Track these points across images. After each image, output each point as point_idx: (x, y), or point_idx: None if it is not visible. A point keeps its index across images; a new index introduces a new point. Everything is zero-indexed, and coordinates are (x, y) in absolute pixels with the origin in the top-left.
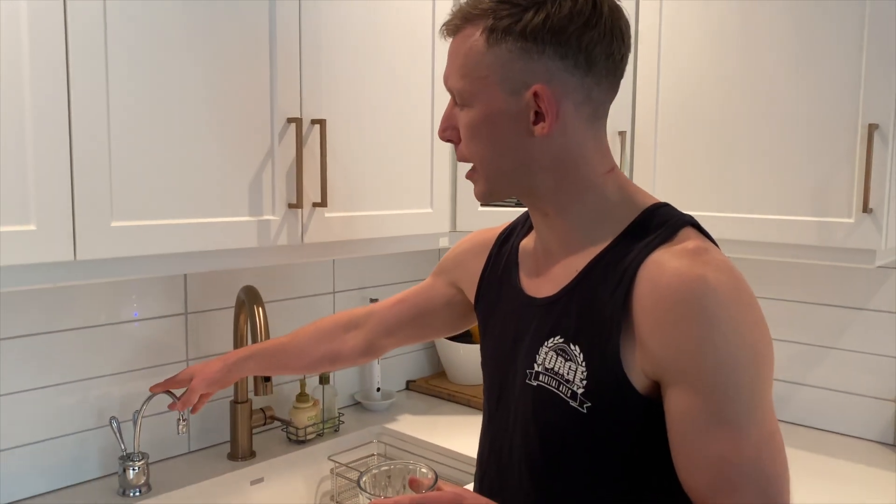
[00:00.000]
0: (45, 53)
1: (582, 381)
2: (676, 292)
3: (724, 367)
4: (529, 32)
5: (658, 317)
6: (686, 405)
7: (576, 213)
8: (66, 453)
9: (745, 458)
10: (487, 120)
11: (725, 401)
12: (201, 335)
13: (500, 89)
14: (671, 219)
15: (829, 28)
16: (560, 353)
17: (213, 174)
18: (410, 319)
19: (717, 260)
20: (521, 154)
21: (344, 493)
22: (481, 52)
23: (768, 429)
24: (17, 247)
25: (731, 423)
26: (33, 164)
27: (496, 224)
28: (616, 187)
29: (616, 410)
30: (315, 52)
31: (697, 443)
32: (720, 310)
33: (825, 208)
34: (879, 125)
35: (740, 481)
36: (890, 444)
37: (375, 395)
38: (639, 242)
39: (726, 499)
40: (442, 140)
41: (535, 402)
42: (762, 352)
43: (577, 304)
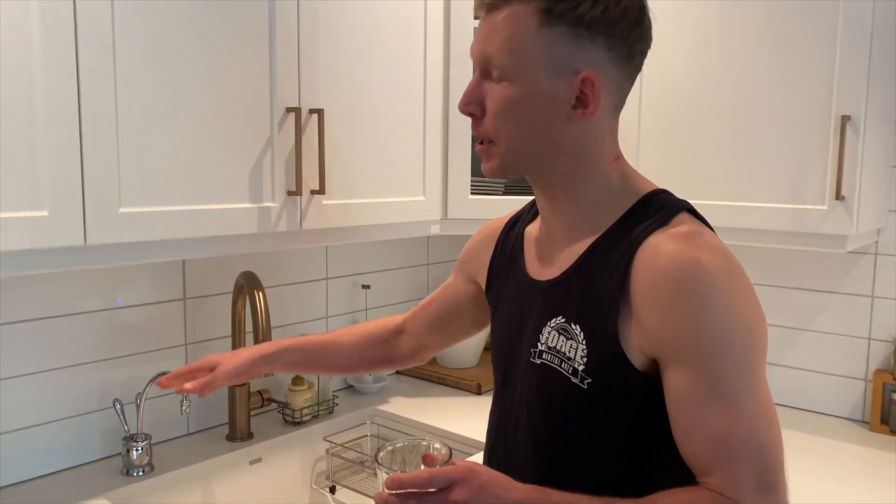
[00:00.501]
0: (55, 47)
1: (583, 358)
2: (672, 274)
3: (719, 344)
4: (586, 21)
5: (655, 297)
6: (684, 382)
7: (582, 198)
8: (68, 435)
9: (743, 431)
10: (526, 98)
11: (721, 377)
12: (199, 320)
13: (544, 70)
14: (668, 204)
15: (804, 25)
16: (562, 332)
17: (215, 162)
18: (442, 319)
19: (711, 243)
20: (549, 136)
21: (339, 473)
22: (531, 32)
23: (763, 403)
24: (30, 232)
25: (727, 398)
26: (45, 153)
27: (485, 212)
28: (619, 174)
29: (615, 386)
30: (313, 43)
31: (696, 418)
32: (714, 290)
33: (800, 196)
34: (851, 117)
35: (739, 453)
36: (860, 421)
37: (367, 379)
38: (637, 227)
39: (726, 470)
40: (463, 113)
41: (539, 380)
42: (755, 330)
43: (578, 286)
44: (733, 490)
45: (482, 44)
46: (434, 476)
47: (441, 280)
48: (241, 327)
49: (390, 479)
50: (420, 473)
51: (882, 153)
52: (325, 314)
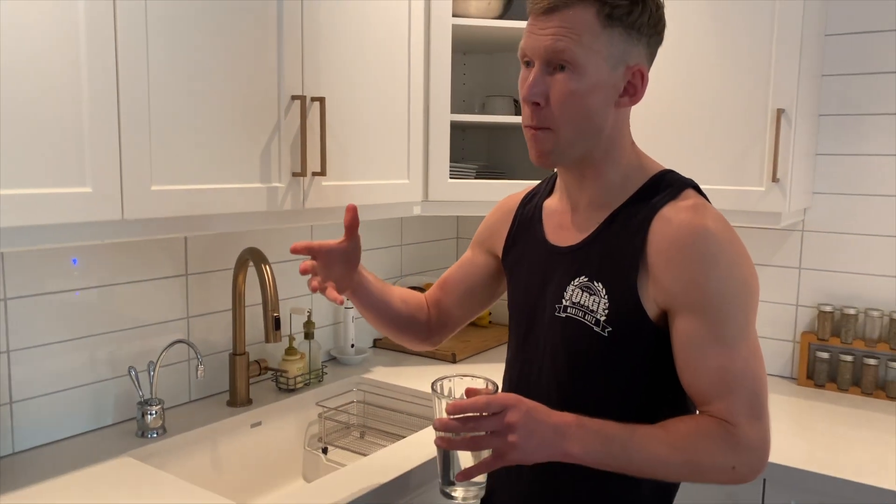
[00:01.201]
0: (99, 45)
1: (604, 310)
2: (684, 238)
3: (721, 296)
4: (637, 24)
5: (670, 257)
6: (691, 327)
7: (607, 176)
8: (84, 402)
9: (738, 368)
10: (592, 88)
11: (722, 323)
12: (200, 294)
13: (606, 63)
14: (676, 182)
15: (744, 28)
16: (585, 289)
17: (231, 145)
18: (463, 294)
19: (714, 213)
20: (601, 120)
21: (331, 435)
22: (598, 31)
23: (754, 345)
24: (76, 206)
25: (726, 340)
26: (89, 137)
27: (461, 194)
28: (635, 156)
29: (631, 334)
30: (314, 37)
31: (700, 357)
32: (719, 251)
33: (741, 178)
34: (785, 110)
35: (734, 385)
36: (789, 377)
37: (350, 351)
38: (651, 199)
39: (724, 399)
40: (528, 101)
41: (563, 331)
42: (751, 285)
43: (599, 250)
44: (730, 415)
45: (547, 40)
46: (490, 402)
47: (415, 259)
48: (241, 301)
49: (451, 406)
50: (478, 399)
51: (810, 142)
52: (310, 291)
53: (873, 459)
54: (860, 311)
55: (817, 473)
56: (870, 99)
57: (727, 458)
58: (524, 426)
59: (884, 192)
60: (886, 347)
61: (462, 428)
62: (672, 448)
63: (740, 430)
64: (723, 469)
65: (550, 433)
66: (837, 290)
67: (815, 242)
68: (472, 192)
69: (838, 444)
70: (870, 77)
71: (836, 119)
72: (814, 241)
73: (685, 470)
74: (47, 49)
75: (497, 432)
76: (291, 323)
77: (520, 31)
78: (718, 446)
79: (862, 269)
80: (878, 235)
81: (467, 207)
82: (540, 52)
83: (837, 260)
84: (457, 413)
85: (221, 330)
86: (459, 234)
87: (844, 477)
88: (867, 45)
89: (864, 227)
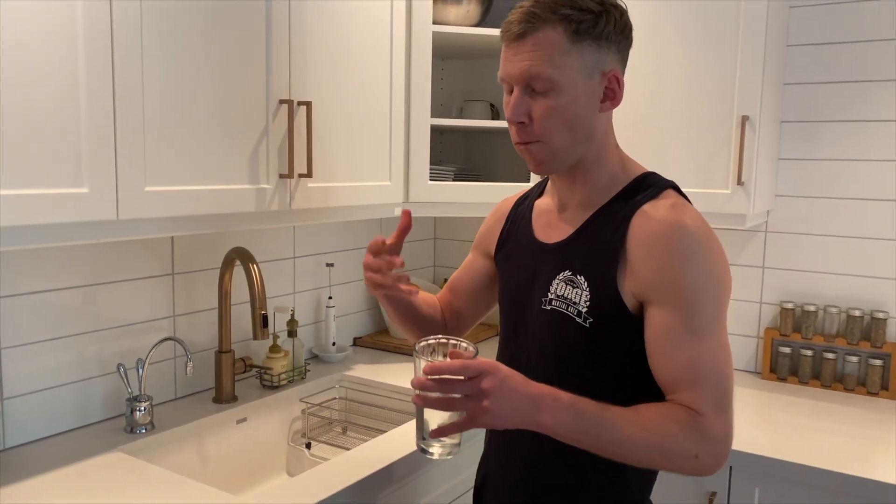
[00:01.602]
0: (96, 53)
1: (586, 302)
2: (662, 233)
3: (694, 290)
4: (604, 34)
5: (647, 251)
6: (664, 318)
7: (596, 178)
8: (72, 399)
9: (707, 360)
10: (571, 101)
11: (694, 315)
12: (186, 293)
13: (580, 76)
14: (657, 183)
15: (710, 40)
16: (569, 283)
17: (222, 148)
18: (466, 296)
19: (692, 212)
20: (589, 126)
21: (314, 431)
22: (567, 47)
23: (723, 340)
24: (73, 207)
25: (697, 332)
26: (87, 140)
27: (441, 195)
28: (619, 159)
29: (611, 324)
30: (301, 43)
31: (671, 347)
32: (694, 247)
33: (709, 181)
34: (749, 117)
35: (702, 376)
36: (754, 371)
37: (331, 349)
38: (633, 199)
39: (691, 389)
40: (515, 122)
41: (549, 323)
42: (723, 282)
43: (583, 245)
44: (698, 405)
45: (522, 64)
46: (466, 366)
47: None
48: (227, 299)
49: (428, 366)
50: (454, 362)
51: (772, 147)
52: (293, 290)
53: (832, 447)
54: (819, 307)
55: (780, 460)
56: (829, 106)
57: (692, 446)
58: (498, 393)
59: (842, 195)
60: (844, 342)
61: (437, 388)
62: (641, 429)
63: (707, 420)
64: (686, 456)
65: (525, 402)
66: (798, 288)
67: (777, 243)
68: (451, 193)
69: (800, 434)
70: (829, 86)
71: (797, 125)
72: (777, 242)
73: (650, 452)
74: (47, 55)
75: (470, 396)
76: (275, 321)
77: (496, 38)
78: (685, 433)
79: (821, 268)
80: (837, 236)
81: (446, 208)
82: (517, 78)
83: (798, 259)
84: (433, 374)
85: (206, 328)
86: (437, 234)
87: (805, 463)
88: (827, 56)
89: (823, 229)
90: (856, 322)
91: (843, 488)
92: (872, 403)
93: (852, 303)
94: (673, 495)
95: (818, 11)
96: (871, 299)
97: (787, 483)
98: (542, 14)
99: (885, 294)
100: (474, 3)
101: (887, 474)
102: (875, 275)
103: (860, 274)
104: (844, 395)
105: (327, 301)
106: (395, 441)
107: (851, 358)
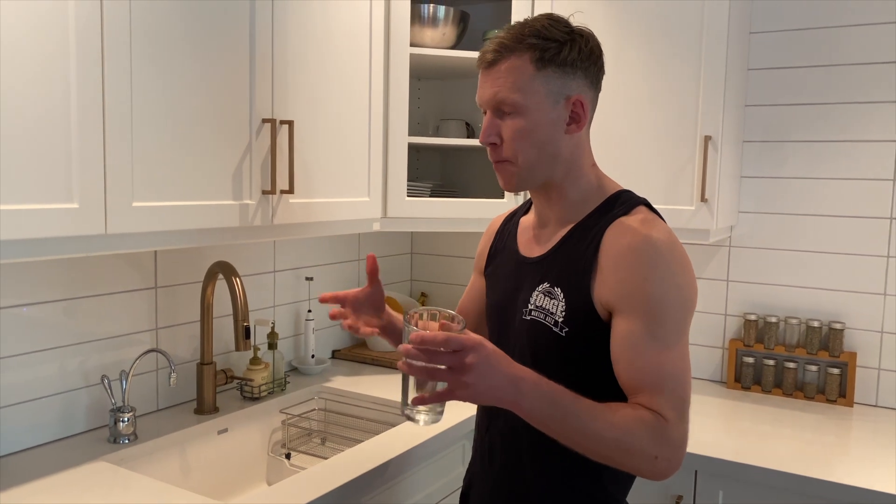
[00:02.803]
0: (87, 75)
1: (562, 312)
2: (630, 245)
3: (657, 300)
4: (568, 61)
5: (616, 262)
6: (629, 325)
7: (571, 195)
8: (56, 410)
9: (668, 366)
10: (535, 124)
11: (657, 324)
12: (169, 306)
13: (545, 100)
14: (630, 200)
15: (674, 64)
16: (547, 294)
17: (207, 165)
18: (475, 318)
19: (660, 227)
20: (553, 149)
21: (294, 441)
22: (532, 75)
23: (684, 351)
24: (63, 221)
25: (659, 340)
26: (78, 156)
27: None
28: (595, 177)
29: (585, 333)
30: (283, 64)
31: (635, 352)
32: (659, 259)
33: (674, 198)
34: (712, 137)
35: (664, 383)
36: (719, 381)
37: (310, 361)
38: (607, 214)
39: (652, 392)
40: (485, 144)
41: (528, 332)
42: (687, 293)
43: (560, 258)
44: (658, 407)
45: (492, 90)
46: (450, 339)
47: None
48: (209, 312)
49: (414, 335)
50: (439, 334)
51: (735, 166)
52: (273, 303)
53: (794, 452)
54: (781, 319)
55: (744, 464)
56: (788, 127)
57: (653, 448)
58: (479, 369)
59: (802, 212)
60: (804, 352)
61: (421, 357)
62: (608, 424)
63: (670, 425)
64: (646, 457)
65: (505, 382)
66: (761, 300)
67: (741, 257)
68: (428, 209)
69: (763, 439)
70: (788, 108)
71: (759, 145)
72: (740, 256)
73: (613, 448)
74: (39, 74)
75: (453, 369)
76: (255, 334)
77: (470, 59)
78: (649, 434)
79: (782, 281)
80: (797, 251)
81: (423, 224)
82: (487, 103)
83: (761, 273)
84: (418, 343)
85: (188, 340)
86: (414, 249)
87: (768, 466)
88: (786, 79)
89: (784, 243)
90: (815, 332)
91: (803, 490)
92: (831, 410)
93: (811, 314)
94: (640, 498)
95: (777, 37)
96: (828, 311)
97: (751, 485)
98: (511, 44)
99: (842, 306)
100: (450, 26)
101: (844, 476)
102: (832, 287)
103: (819, 286)
104: (805, 402)
105: (307, 314)
106: (373, 450)
107: (811, 367)
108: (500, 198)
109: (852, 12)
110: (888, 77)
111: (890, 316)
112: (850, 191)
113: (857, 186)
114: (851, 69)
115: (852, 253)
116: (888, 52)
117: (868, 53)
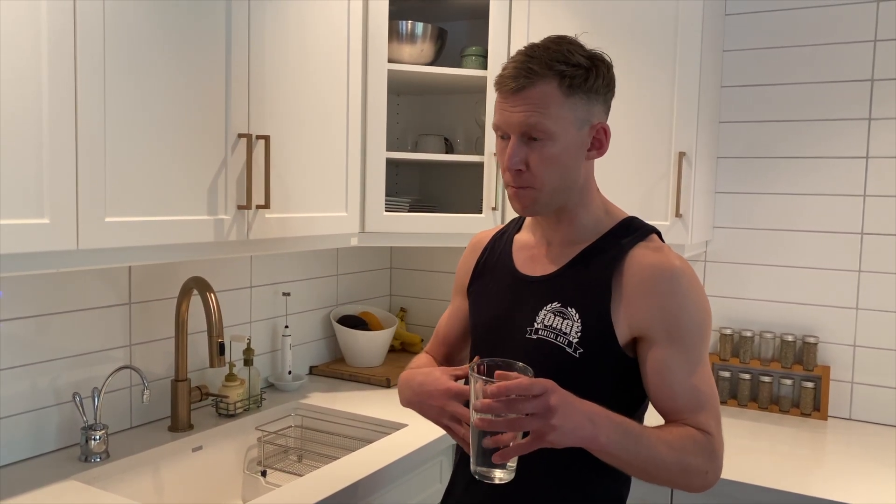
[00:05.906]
0: (59, 89)
1: (577, 333)
2: (660, 274)
3: (692, 327)
4: (594, 88)
5: (646, 289)
6: (667, 353)
7: (580, 219)
8: (26, 428)
9: (703, 386)
10: (565, 150)
11: (692, 349)
12: (143, 322)
13: (573, 126)
14: (642, 227)
15: (649, 82)
16: (558, 314)
17: (181, 180)
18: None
19: (677, 255)
20: (575, 174)
21: (270, 458)
22: (562, 101)
23: (708, 365)
24: (34, 237)
25: (696, 364)
26: (49, 171)
27: (395, 226)
28: (601, 202)
29: (601, 356)
30: (260, 79)
31: (675, 379)
32: (689, 287)
33: (649, 213)
34: (686, 153)
35: (705, 402)
36: None
37: (287, 378)
38: (621, 240)
39: (697, 414)
40: (511, 170)
41: (535, 350)
42: (709, 316)
43: (573, 279)
44: (702, 424)
45: (520, 116)
46: (534, 384)
47: (350, 289)
48: (184, 328)
49: (496, 387)
50: (523, 380)
51: (709, 181)
52: (249, 319)
53: (770, 466)
54: (756, 333)
55: (721, 479)
56: (762, 143)
57: (704, 464)
58: (563, 409)
59: (775, 227)
60: (778, 366)
61: (505, 409)
62: (669, 447)
63: (715, 439)
64: (699, 472)
65: (584, 419)
66: (736, 315)
67: (716, 271)
68: (406, 224)
69: (739, 454)
70: (762, 124)
71: (733, 161)
72: (715, 271)
73: (674, 470)
74: (10, 89)
75: (538, 414)
76: (231, 350)
77: (449, 76)
78: (700, 450)
79: (757, 296)
80: (771, 265)
81: (401, 238)
82: (514, 128)
83: (736, 287)
84: (501, 394)
85: (163, 357)
86: (393, 264)
87: (745, 481)
88: (759, 96)
89: (758, 258)
90: (789, 347)
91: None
92: (805, 424)
93: (786, 328)
94: None
95: (749, 55)
96: (802, 325)
97: (728, 499)
98: (539, 70)
99: (816, 320)
100: (428, 42)
101: (820, 490)
102: (806, 302)
103: (792, 301)
104: (780, 416)
105: (283, 330)
106: (349, 467)
107: (786, 381)
108: (478, 212)
109: (824, 31)
110: (859, 95)
111: (862, 330)
112: (823, 206)
113: (829, 202)
114: (823, 87)
115: (825, 268)
116: (859, 71)
117: (839, 72)
